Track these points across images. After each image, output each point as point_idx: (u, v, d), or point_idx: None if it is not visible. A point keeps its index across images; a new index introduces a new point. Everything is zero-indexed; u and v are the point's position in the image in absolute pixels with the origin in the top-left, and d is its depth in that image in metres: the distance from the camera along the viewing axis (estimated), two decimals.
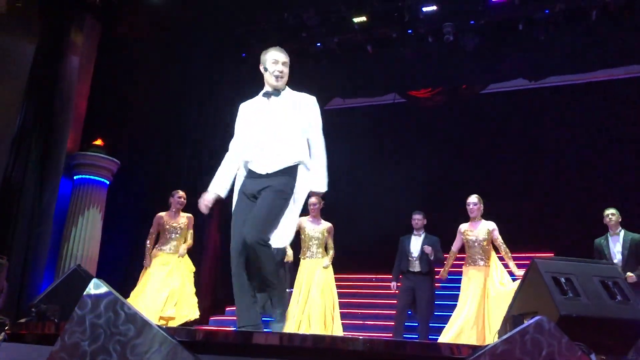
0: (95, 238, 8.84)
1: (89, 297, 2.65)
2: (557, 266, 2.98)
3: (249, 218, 3.22)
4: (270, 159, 3.29)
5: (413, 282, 6.50)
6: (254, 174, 3.35)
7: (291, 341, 2.62)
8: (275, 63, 3.42)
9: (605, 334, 2.82)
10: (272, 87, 3.44)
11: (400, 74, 10.52)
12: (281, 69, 3.40)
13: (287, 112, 3.34)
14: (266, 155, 3.30)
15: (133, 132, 9.69)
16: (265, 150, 3.29)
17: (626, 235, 5.92)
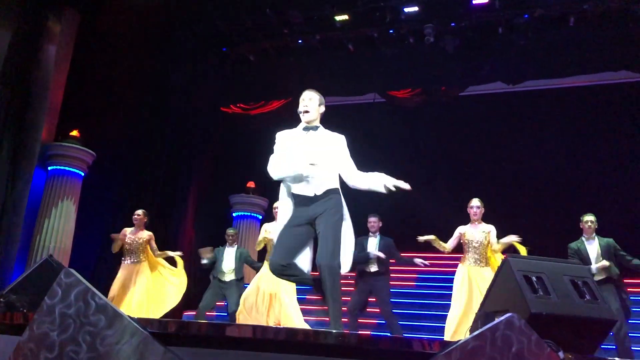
0: (68, 230, 8.72)
1: (59, 287, 2.61)
2: (528, 265, 3.02)
3: (322, 243, 3.44)
4: (316, 183, 3.61)
5: (369, 284, 6.65)
6: (302, 197, 3.62)
7: (264, 334, 2.62)
8: (302, 101, 3.79)
9: (574, 332, 2.87)
10: (304, 121, 3.78)
11: (381, 73, 10.56)
12: (305, 105, 3.76)
13: (324, 145, 3.68)
14: (311, 180, 3.60)
15: (110, 124, 9.57)
16: (310, 175, 3.60)
17: (601, 241, 6.09)
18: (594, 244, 6.10)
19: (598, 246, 6.06)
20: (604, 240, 6.09)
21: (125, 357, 2.47)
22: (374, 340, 2.60)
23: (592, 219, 6.17)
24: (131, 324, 2.52)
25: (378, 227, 6.89)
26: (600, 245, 6.06)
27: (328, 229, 3.49)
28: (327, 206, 3.56)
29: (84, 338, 2.52)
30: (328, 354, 2.47)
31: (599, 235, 6.17)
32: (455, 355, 2.35)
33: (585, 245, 6.13)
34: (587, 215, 6.22)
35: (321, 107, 3.82)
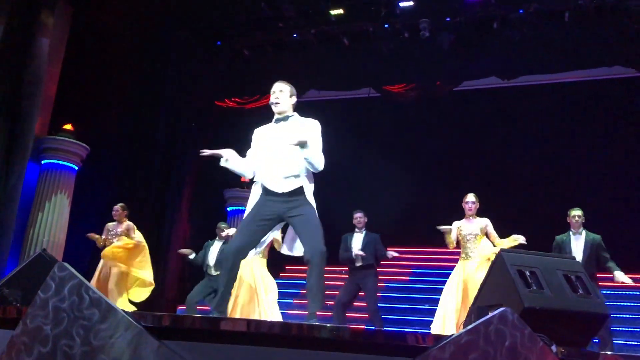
0: (62, 224, 8.69)
1: (52, 280, 2.60)
2: (522, 259, 3.03)
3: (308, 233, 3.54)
4: (284, 180, 3.65)
5: (357, 279, 6.72)
6: (271, 192, 3.67)
7: (258, 328, 2.62)
8: (272, 93, 3.82)
9: (567, 326, 2.88)
10: (275, 113, 3.82)
11: (376, 68, 10.55)
12: (276, 97, 3.79)
13: (294, 136, 3.62)
14: (279, 177, 3.65)
15: (104, 117, 9.54)
16: (279, 172, 3.65)
17: (587, 236, 6.12)
18: (580, 239, 6.13)
19: (584, 241, 6.09)
20: (591, 236, 6.12)
21: (119, 351, 2.47)
22: (367, 334, 2.61)
23: (580, 213, 6.20)
24: (125, 317, 2.52)
25: (364, 223, 6.95)
26: (586, 241, 6.09)
27: (307, 220, 3.58)
28: (298, 204, 3.63)
29: (77, 332, 2.51)
30: (322, 347, 2.47)
31: (587, 230, 6.20)
32: (449, 349, 2.37)
33: (571, 239, 6.16)
34: (575, 209, 6.26)
35: (292, 97, 3.86)
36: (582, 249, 6.04)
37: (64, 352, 2.49)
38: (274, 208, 3.64)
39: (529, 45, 9.60)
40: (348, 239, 6.90)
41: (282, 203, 3.63)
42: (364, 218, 6.96)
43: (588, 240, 6.07)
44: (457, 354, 2.36)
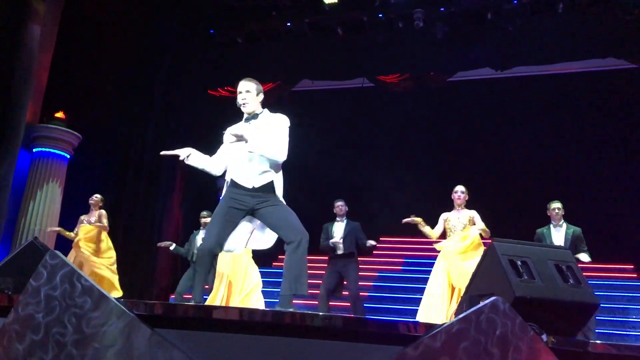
0: (54, 213, 8.66)
1: (44, 268, 2.60)
2: (514, 249, 3.05)
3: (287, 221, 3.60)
4: (254, 176, 3.72)
5: (339, 266, 6.80)
6: (241, 186, 3.75)
7: (251, 316, 2.63)
8: (239, 94, 3.82)
9: (557, 315, 2.90)
10: (245, 113, 3.86)
11: (370, 58, 10.52)
12: (243, 97, 3.79)
13: (264, 132, 3.72)
14: (249, 172, 3.73)
15: (96, 105, 9.48)
16: (248, 168, 3.73)
17: (568, 228, 6.21)
18: (560, 231, 6.21)
19: (564, 234, 6.17)
20: (572, 229, 6.21)
21: (111, 339, 2.47)
22: (360, 322, 2.62)
23: (559, 205, 6.30)
24: (117, 306, 2.52)
25: (345, 211, 7.03)
26: (567, 233, 6.16)
27: (282, 210, 3.66)
28: (268, 197, 3.69)
29: (69, 320, 2.51)
30: (314, 336, 2.48)
31: (568, 222, 6.27)
32: (440, 338, 2.38)
33: (551, 232, 6.23)
34: (554, 202, 6.34)
35: (260, 95, 3.88)
36: (563, 241, 6.11)
37: (56, 340, 2.49)
38: (244, 200, 3.70)
39: (522, 37, 9.59)
40: (329, 227, 6.99)
41: (252, 197, 3.69)
42: (344, 207, 7.04)
43: (568, 233, 6.16)
44: (449, 342, 2.38)
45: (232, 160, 3.84)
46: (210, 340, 2.54)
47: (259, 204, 3.69)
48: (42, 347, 2.49)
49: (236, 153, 3.79)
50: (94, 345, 2.46)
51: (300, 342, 2.49)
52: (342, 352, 2.43)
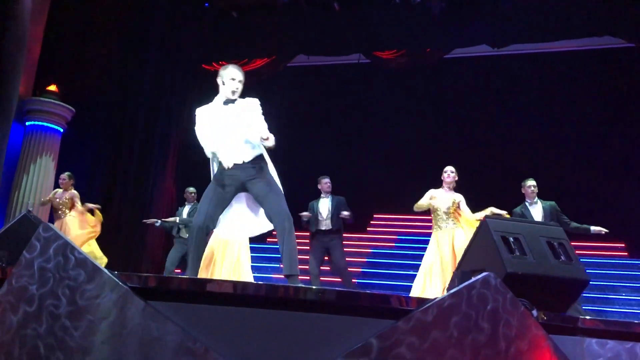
0: (47, 187, 8.63)
1: (37, 241, 2.60)
2: (506, 226, 3.07)
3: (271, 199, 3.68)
4: (239, 152, 3.77)
5: (324, 242, 6.92)
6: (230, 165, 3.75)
7: (245, 289, 2.64)
8: (232, 80, 3.91)
9: (548, 291, 2.94)
10: (228, 97, 3.93)
11: (366, 33, 10.43)
12: (237, 87, 3.91)
13: (242, 114, 3.85)
14: (234, 150, 3.77)
15: (89, 78, 9.38)
16: (233, 146, 3.78)
17: (544, 203, 6.30)
18: (537, 208, 6.30)
19: (542, 209, 6.25)
20: (547, 204, 6.32)
21: (105, 311, 2.48)
22: (353, 295, 2.64)
23: (535, 183, 6.37)
24: (111, 278, 2.53)
25: (330, 188, 7.15)
26: (544, 209, 6.26)
27: (270, 187, 3.73)
28: (258, 170, 3.76)
29: (63, 292, 2.52)
30: (307, 309, 2.50)
31: (540, 199, 6.36)
32: (432, 312, 2.41)
33: (529, 210, 6.30)
34: (530, 180, 6.43)
35: None
36: (542, 217, 6.20)
37: (50, 312, 2.50)
38: (235, 176, 3.74)
39: (519, 14, 9.52)
40: (314, 205, 7.09)
41: (242, 171, 3.74)
42: (329, 183, 7.17)
43: (546, 208, 6.27)
44: (440, 316, 2.40)
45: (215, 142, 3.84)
46: (204, 312, 2.56)
47: (250, 178, 3.74)
48: (36, 318, 2.50)
49: (220, 135, 3.81)
50: (87, 317, 2.47)
51: (293, 315, 2.51)
52: (335, 325, 2.46)
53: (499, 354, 2.43)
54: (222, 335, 2.48)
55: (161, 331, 2.42)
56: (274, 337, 2.47)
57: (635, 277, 8.15)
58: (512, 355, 2.45)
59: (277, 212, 3.64)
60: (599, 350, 2.69)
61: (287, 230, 3.59)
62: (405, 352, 2.33)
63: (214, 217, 3.73)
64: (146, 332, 2.42)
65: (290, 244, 3.60)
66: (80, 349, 2.43)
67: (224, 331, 2.50)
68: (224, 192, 3.75)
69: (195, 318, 2.53)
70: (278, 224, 3.64)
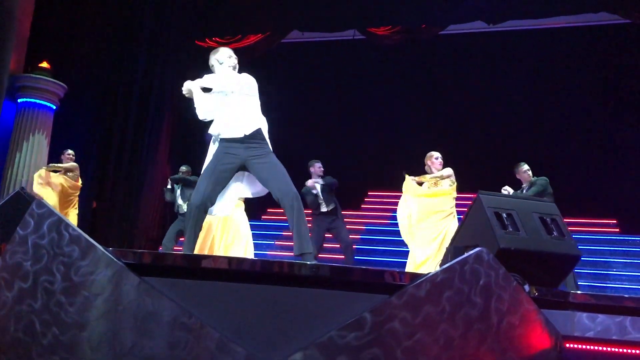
0: (40, 164, 8.56)
1: (31, 217, 2.60)
2: (499, 202, 3.09)
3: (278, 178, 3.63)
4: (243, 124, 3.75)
5: (327, 223, 7.02)
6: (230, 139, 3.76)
7: (240, 265, 2.66)
8: (230, 57, 3.97)
9: (540, 266, 2.97)
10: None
11: (360, 9, 10.32)
12: (235, 62, 3.98)
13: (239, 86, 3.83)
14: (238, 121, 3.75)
15: (81, 55, 9.28)
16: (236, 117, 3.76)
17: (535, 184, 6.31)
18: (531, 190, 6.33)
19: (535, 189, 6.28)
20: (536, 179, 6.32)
21: (100, 287, 2.50)
22: (346, 271, 2.66)
23: (528, 167, 6.43)
24: (105, 254, 2.54)
25: (322, 172, 7.21)
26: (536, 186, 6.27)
27: (273, 165, 3.68)
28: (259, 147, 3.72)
29: (58, 268, 2.53)
30: (302, 284, 2.52)
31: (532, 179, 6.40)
32: (425, 287, 2.43)
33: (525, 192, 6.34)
34: (523, 164, 6.44)
35: None
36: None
37: (45, 288, 2.51)
38: (236, 152, 3.70)
39: None
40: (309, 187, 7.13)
41: (244, 149, 3.69)
42: (322, 167, 7.23)
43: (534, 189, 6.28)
44: (433, 291, 2.43)
45: (217, 113, 3.84)
46: (199, 288, 2.57)
47: (251, 157, 3.68)
48: (31, 294, 2.51)
49: (222, 103, 3.80)
50: (82, 293, 2.49)
51: (288, 290, 2.53)
52: (329, 300, 2.48)
53: (490, 328, 2.46)
54: (217, 311, 2.50)
55: (156, 306, 2.44)
56: (269, 313, 2.49)
57: (626, 253, 8.22)
58: (504, 330, 2.48)
59: (286, 193, 3.58)
60: (589, 324, 2.73)
61: (296, 209, 3.55)
62: (398, 326, 2.36)
63: (212, 196, 3.68)
64: (141, 308, 2.44)
65: (301, 222, 3.56)
66: (76, 325, 2.45)
67: (219, 306, 2.52)
68: (224, 171, 3.71)
69: (191, 294, 2.54)
70: (287, 204, 3.57)
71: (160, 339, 2.40)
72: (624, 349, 2.64)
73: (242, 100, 3.78)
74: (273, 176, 3.65)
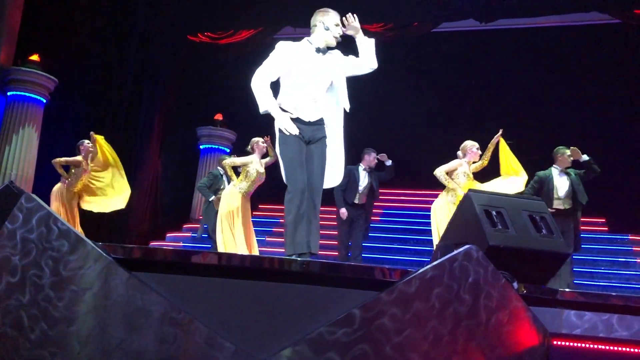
0: (30, 158, 8.54)
1: (20, 211, 2.58)
2: (489, 199, 3.10)
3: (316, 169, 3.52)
4: (319, 108, 3.60)
5: (353, 214, 6.85)
6: (303, 121, 3.57)
7: (230, 261, 2.65)
8: (337, 26, 3.66)
9: (529, 264, 2.99)
10: (327, 45, 3.69)
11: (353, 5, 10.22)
12: (341, 33, 3.67)
13: (338, 70, 3.69)
14: (317, 106, 3.59)
15: (72, 48, 9.22)
16: (318, 102, 3.59)
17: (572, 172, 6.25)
18: (564, 177, 6.24)
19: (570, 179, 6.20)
20: (574, 172, 6.26)
21: (89, 282, 2.49)
22: (336, 267, 2.66)
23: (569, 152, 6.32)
24: (95, 249, 2.53)
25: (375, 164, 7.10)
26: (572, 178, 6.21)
27: (323, 155, 3.57)
28: (323, 133, 3.61)
29: (46, 263, 2.51)
30: (292, 280, 2.52)
31: (573, 169, 6.31)
32: (414, 284, 2.44)
33: (557, 177, 6.26)
34: (566, 148, 6.35)
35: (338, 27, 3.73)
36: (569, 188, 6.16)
37: (33, 282, 2.49)
38: (306, 133, 3.56)
39: None
40: (354, 173, 6.94)
41: (312, 131, 3.57)
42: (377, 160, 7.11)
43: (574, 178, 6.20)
44: (422, 288, 2.44)
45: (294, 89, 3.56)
46: (189, 284, 2.57)
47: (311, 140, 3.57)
48: (19, 289, 2.49)
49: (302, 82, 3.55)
50: (71, 288, 2.47)
51: (277, 286, 2.53)
52: (319, 296, 2.48)
53: (479, 325, 2.48)
54: (207, 306, 2.50)
55: (146, 301, 2.43)
56: (259, 308, 2.49)
57: (614, 252, 8.29)
58: (493, 326, 2.50)
59: (318, 190, 3.50)
60: (576, 322, 2.75)
61: (316, 208, 3.47)
62: (387, 322, 2.37)
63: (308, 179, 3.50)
64: (130, 303, 2.43)
65: (316, 222, 3.47)
66: (65, 319, 2.43)
67: (208, 302, 2.52)
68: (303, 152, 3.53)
69: (180, 289, 2.54)
70: (309, 198, 3.44)
71: (149, 334, 2.40)
72: (610, 347, 2.66)
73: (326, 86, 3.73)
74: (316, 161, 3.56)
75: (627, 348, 2.65)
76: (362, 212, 6.90)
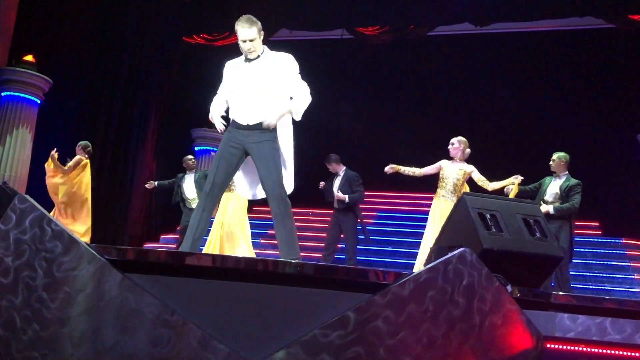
0: (24, 159, 8.51)
1: (13, 212, 2.57)
2: (484, 203, 3.11)
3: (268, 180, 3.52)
4: (251, 113, 3.63)
5: (338, 219, 6.96)
6: (238, 124, 3.67)
7: (224, 263, 2.65)
8: (243, 42, 3.67)
9: (523, 267, 2.99)
10: (247, 56, 3.73)
11: (349, 8, 10.33)
12: (249, 47, 3.66)
13: (267, 73, 3.68)
14: (247, 110, 3.64)
15: (67, 49, 9.19)
16: (247, 106, 3.64)
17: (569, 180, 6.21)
18: (557, 182, 6.23)
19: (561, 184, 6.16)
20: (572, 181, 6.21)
21: (82, 283, 2.47)
22: (330, 270, 2.66)
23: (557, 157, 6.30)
24: (88, 250, 2.52)
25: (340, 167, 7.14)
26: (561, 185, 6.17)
27: (267, 159, 3.55)
28: (261, 138, 3.59)
29: (40, 264, 2.50)
30: (286, 283, 2.52)
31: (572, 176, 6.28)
32: (408, 286, 2.44)
33: (550, 182, 6.27)
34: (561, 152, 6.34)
35: (261, 34, 3.75)
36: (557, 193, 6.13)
37: (26, 284, 2.48)
38: (238, 137, 3.63)
39: None
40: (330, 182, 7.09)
41: (245, 136, 3.61)
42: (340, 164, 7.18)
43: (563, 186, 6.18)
44: (416, 290, 2.44)
45: (232, 100, 3.73)
46: (183, 285, 2.56)
47: (250, 144, 3.59)
48: (12, 290, 2.48)
49: (237, 93, 3.69)
50: (64, 289, 2.46)
51: (271, 288, 2.52)
52: (313, 299, 2.48)
53: (473, 328, 2.48)
54: (200, 308, 2.49)
55: (139, 303, 2.42)
56: (252, 310, 2.49)
57: (608, 255, 8.32)
58: (486, 329, 2.50)
59: (272, 196, 3.50)
60: (570, 325, 2.76)
61: (280, 215, 3.46)
62: (381, 325, 2.37)
63: (222, 184, 3.63)
64: (124, 304, 2.42)
65: (286, 229, 3.46)
66: (57, 321, 2.42)
67: (202, 304, 2.51)
68: (230, 157, 3.61)
69: (173, 291, 2.53)
70: (272, 208, 3.50)
71: (142, 335, 2.39)
72: (603, 350, 2.67)
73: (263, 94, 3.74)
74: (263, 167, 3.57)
75: (620, 351, 2.66)
76: (351, 217, 6.89)
